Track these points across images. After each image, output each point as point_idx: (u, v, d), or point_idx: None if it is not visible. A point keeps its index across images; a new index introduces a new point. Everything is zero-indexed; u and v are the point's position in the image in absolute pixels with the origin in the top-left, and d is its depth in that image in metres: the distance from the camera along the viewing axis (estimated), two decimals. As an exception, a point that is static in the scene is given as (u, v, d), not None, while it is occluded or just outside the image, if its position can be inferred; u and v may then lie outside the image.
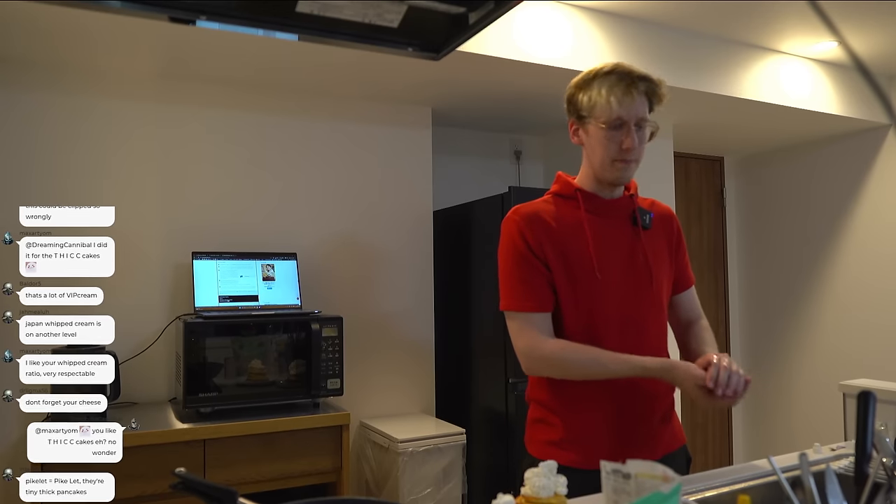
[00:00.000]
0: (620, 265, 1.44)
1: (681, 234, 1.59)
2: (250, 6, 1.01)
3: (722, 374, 1.26)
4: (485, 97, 3.06)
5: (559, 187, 1.51)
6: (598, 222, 1.46)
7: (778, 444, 4.22)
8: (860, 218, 3.80)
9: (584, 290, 1.41)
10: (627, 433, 1.42)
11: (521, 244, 1.43)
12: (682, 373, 1.31)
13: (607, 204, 1.48)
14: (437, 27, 1.09)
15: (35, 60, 2.48)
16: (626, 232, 1.48)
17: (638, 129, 1.42)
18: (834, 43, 3.10)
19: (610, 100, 1.39)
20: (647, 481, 0.84)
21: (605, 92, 1.40)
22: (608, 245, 1.45)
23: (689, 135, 3.85)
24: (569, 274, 1.41)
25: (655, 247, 1.50)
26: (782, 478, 1.10)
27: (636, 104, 1.40)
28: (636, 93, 1.40)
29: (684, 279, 1.59)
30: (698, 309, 1.62)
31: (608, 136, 1.41)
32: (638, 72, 1.42)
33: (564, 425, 1.43)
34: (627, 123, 1.40)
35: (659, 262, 1.49)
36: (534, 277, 1.41)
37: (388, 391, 3.05)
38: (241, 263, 2.59)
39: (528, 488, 1.04)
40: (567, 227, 1.44)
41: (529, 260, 1.42)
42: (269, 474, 2.29)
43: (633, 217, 1.49)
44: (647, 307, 1.46)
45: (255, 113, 2.86)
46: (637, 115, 1.41)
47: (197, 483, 0.96)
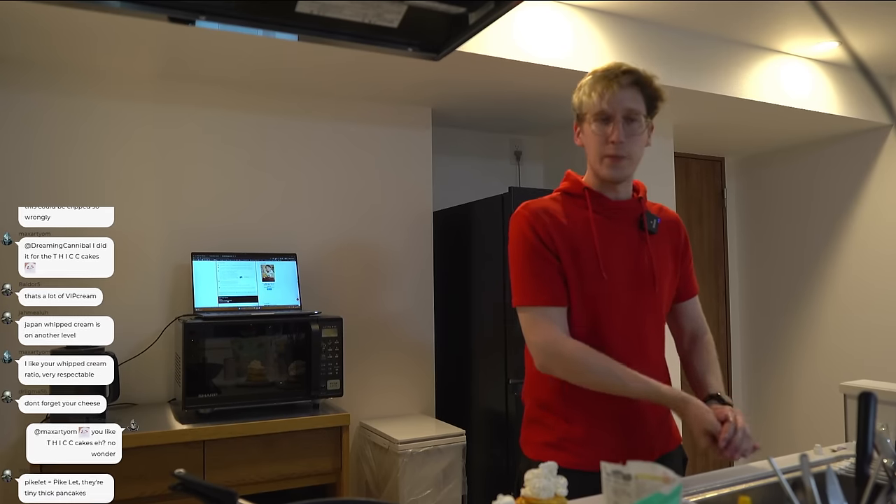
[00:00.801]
0: (625, 267, 1.44)
1: (687, 243, 1.59)
2: (250, 6, 1.00)
3: (737, 437, 1.26)
4: (485, 97, 3.06)
5: (568, 185, 1.51)
6: (605, 223, 1.45)
7: (778, 445, 4.21)
8: (861, 218, 3.80)
9: (590, 288, 1.41)
10: (625, 434, 1.42)
11: (532, 237, 1.41)
12: (693, 411, 1.30)
13: (615, 205, 1.48)
14: (437, 27, 1.09)
15: (34, 60, 2.48)
16: (633, 235, 1.47)
17: (627, 123, 1.41)
18: (835, 43, 3.10)
19: (592, 95, 1.42)
20: (648, 482, 0.84)
21: (589, 89, 1.43)
22: (614, 246, 1.44)
23: (690, 135, 3.84)
24: (576, 273, 1.41)
25: (660, 252, 1.49)
26: (783, 479, 1.10)
27: (618, 96, 1.40)
28: (618, 86, 1.40)
29: (688, 287, 1.59)
30: (703, 322, 1.61)
31: (596, 130, 1.42)
32: (625, 66, 1.42)
33: (562, 426, 1.42)
34: (613, 117, 1.40)
35: (663, 268, 1.48)
36: (547, 270, 1.40)
37: (388, 392, 3.05)
38: (241, 264, 2.58)
39: (528, 489, 1.04)
40: (575, 225, 1.44)
41: (541, 252, 1.41)
42: (269, 475, 2.28)
43: (640, 221, 1.49)
44: (648, 311, 1.46)
45: (254, 113, 2.86)
46: (623, 106, 1.40)
47: (196, 484, 0.96)
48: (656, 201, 1.60)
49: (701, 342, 1.57)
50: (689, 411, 1.31)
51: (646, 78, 1.43)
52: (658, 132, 3.58)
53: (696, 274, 1.64)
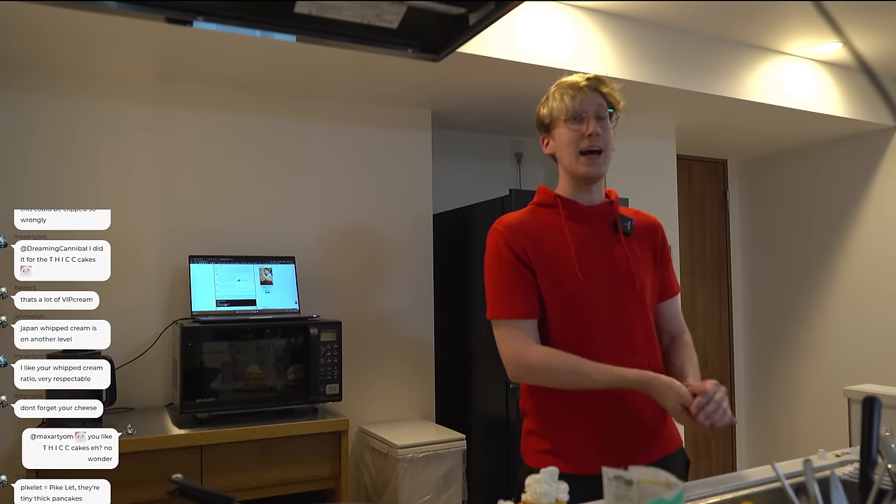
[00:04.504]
0: (603, 268, 1.47)
1: (665, 243, 1.62)
2: (248, 7, 1.00)
3: (710, 406, 1.27)
4: (485, 99, 3.05)
5: (540, 198, 1.58)
6: (579, 228, 1.50)
7: (782, 450, 4.20)
8: (865, 221, 3.78)
9: (569, 292, 1.44)
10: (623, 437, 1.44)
11: (507, 251, 1.47)
12: (663, 385, 1.33)
13: (587, 210, 1.53)
14: (437, 28, 1.08)
15: (30, 62, 2.47)
16: (607, 237, 1.51)
17: (599, 120, 1.49)
18: (839, 44, 3.09)
19: (564, 99, 1.51)
20: (650, 487, 0.84)
21: (559, 97, 1.52)
22: (589, 249, 1.48)
23: (692, 137, 3.84)
24: (553, 278, 1.44)
25: (637, 252, 1.53)
26: (786, 484, 1.09)
27: (588, 98, 1.49)
28: (588, 88, 1.50)
29: (668, 287, 1.61)
30: (681, 322, 1.64)
31: (571, 129, 1.50)
32: (584, 74, 1.55)
33: (558, 432, 1.45)
34: (586, 114, 1.49)
35: (641, 267, 1.51)
36: (520, 284, 1.45)
37: (388, 396, 3.04)
38: (239, 267, 2.57)
39: (528, 495, 1.03)
40: (549, 233, 1.49)
41: (515, 266, 1.46)
42: (267, 481, 2.27)
43: (615, 224, 1.53)
44: (633, 311, 1.48)
45: (253, 115, 2.85)
46: (594, 104, 1.49)
47: (194, 490, 0.95)
48: (658, 204, 1.61)
49: (679, 341, 1.60)
50: (659, 385, 1.33)
51: (605, 80, 1.53)
52: (660, 134, 3.60)
53: (698, 276, 1.65)
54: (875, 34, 2.94)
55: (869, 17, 2.75)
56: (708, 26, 2.89)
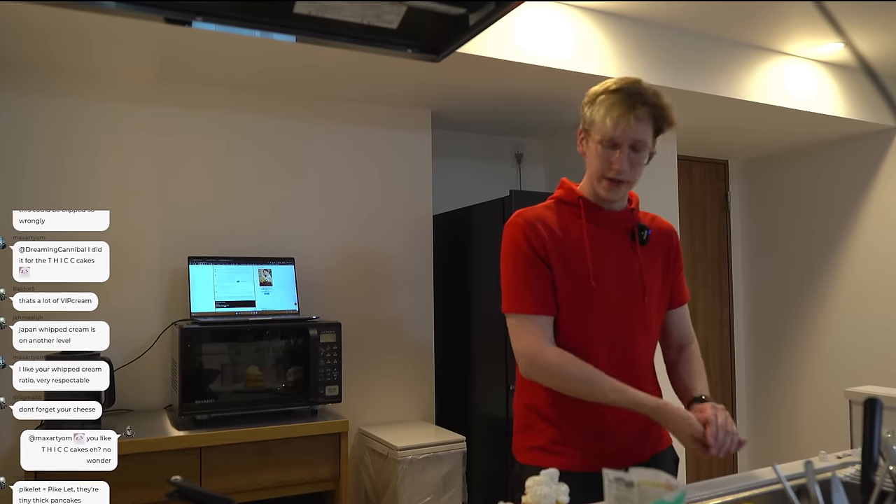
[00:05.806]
0: (615, 278, 1.47)
1: (678, 251, 1.61)
2: (247, 7, 1.00)
3: (721, 435, 1.28)
4: (485, 99, 3.05)
5: (563, 193, 1.54)
6: (597, 233, 1.48)
7: (783, 451, 4.19)
8: (867, 222, 3.77)
9: (579, 297, 1.44)
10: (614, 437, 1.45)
11: (525, 246, 1.45)
12: (675, 416, 1.32)
13: (608, 216, 1.51)
14: (437, 28, 1.09)
15: (28, 62, 2.47)
16: (624, 246, 1.50)
17: (634, 152, 1.42)
18: (840, 44, 3.09)
19: (606, 121, 1.40)
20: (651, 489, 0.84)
21: (604, 111, 1.41)
22: (605, 256, 1.47)
23: (693, 138, 3.83)
24: (566, 279, 1.44)
25: (651, 263, 1.52)
26: (787, 486, 1.09)
27: (633, 128, 1.39)
28: (634, 117, 1.39)
29: (679, 295, 1.61)
30: (690, 330, 1.64)
31: (601, 153, 1.43)
32: (645, 94, 1.41)
33: (551, 430, 1.45)
34: (621, 146, 1.41)
35: (653, 280, 1.51)
36: (537, 279, 1.43)
37: (388, 398, 3.03)
38: (238, 268, 2.57)
39: (529, 497, 1.03)
40: (567, 234, 1.47)
41: (533, 261, 1.44)
42: (267, 482, 2.26)
43: (632, 232, 1.52)
44: (637, 322, 1.49)
45: (252, 115, 2.85)
46: (633, 137, 1.41)
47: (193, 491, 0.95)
48: (659, 205, 1.60)
49: (688, 350, 1.60)
50: (670, 419, 1.33)
51: (662, 108, 1.43)
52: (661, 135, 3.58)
53: (699, 277, 1.65)
54: (877, 34, 2.93)
55: (870, 17, 2.75)
56: (708, 26, 2.89)
